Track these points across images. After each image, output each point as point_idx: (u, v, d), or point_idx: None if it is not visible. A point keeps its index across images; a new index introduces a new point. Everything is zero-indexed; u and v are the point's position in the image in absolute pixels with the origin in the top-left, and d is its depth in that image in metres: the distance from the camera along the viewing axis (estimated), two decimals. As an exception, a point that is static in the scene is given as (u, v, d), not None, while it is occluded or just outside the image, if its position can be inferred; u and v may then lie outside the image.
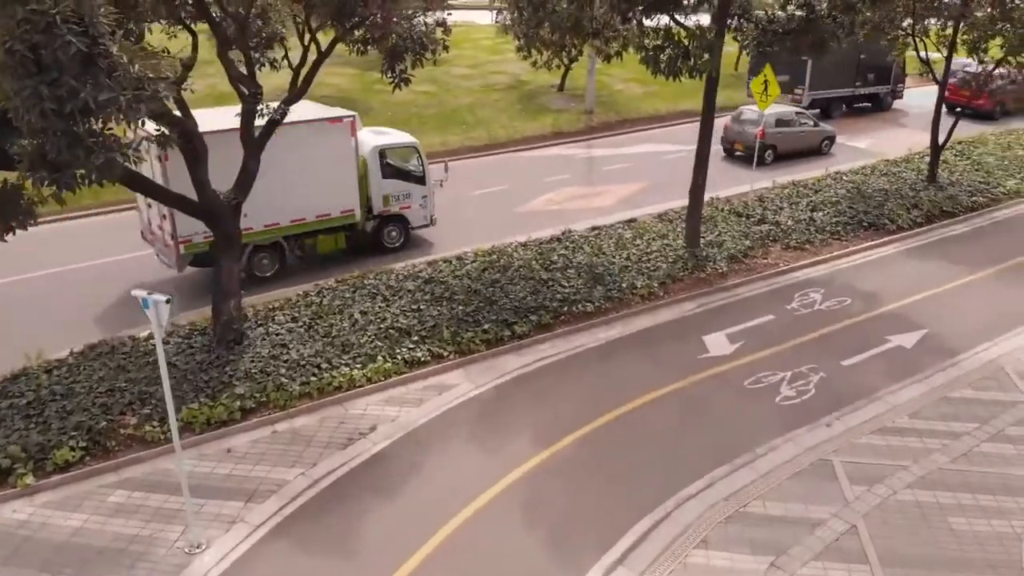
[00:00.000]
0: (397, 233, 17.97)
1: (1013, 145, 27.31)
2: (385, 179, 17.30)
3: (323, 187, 15.94)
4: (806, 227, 19.33)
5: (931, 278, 16.95)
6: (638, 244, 17.95)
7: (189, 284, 16.21)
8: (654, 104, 33.61)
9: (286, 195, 15.46)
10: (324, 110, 16.97)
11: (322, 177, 15.84)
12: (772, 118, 25.08)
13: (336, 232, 16.83)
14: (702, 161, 17.01)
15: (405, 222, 18.00)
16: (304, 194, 15.71)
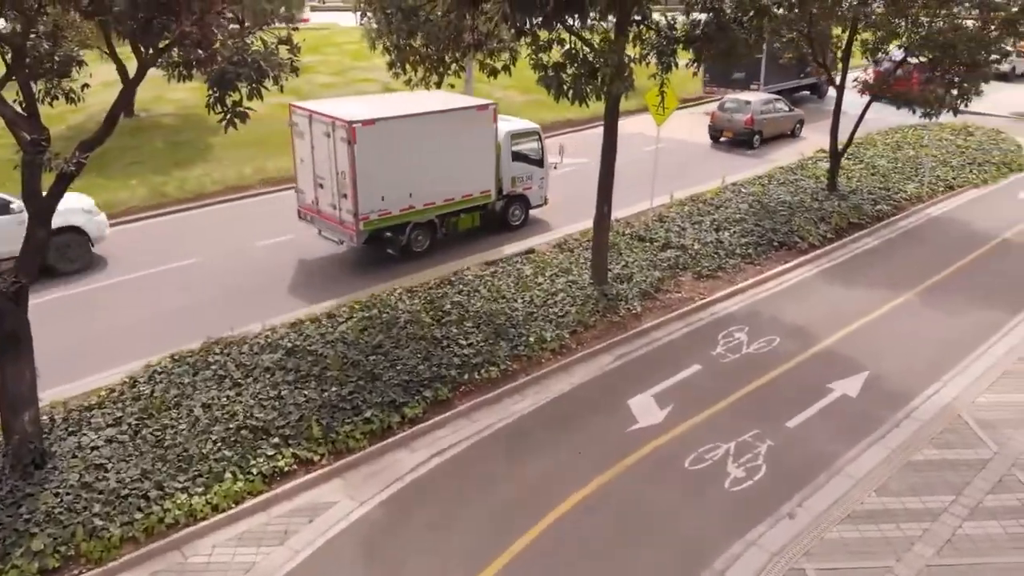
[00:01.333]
0: (520, 212, 19.40)
1: (902, 144, 27.00)
2: (514, 162, 18.76)
3: (468, 169, 17.28)
4: (715, 250, 17.65)
5: (857, 304, 15.57)
6: (540, 283, 15.66)
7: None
8: (537, 113, 31.40)
9: (440, 177, 16.75)
10: (469, 99, 18.29)
11: (468, 160, 17.14)
12: (758, 105, 27.78)
13: (473, 211, 18.03)
14: (605, 189, 14.91)
15: (527, 202, 19.41)
16: (454, 176, 16.95)
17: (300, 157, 16.80)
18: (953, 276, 17.05)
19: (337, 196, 15.93)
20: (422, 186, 16.47)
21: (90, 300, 15.34)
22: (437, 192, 16.91)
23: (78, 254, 16.44)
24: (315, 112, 15.93)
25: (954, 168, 24.33)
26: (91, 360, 12.74)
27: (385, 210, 16.08)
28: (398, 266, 16.89)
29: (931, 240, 19.20)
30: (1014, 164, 25.44)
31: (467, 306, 14.52)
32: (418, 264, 17.08)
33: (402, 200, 16.25)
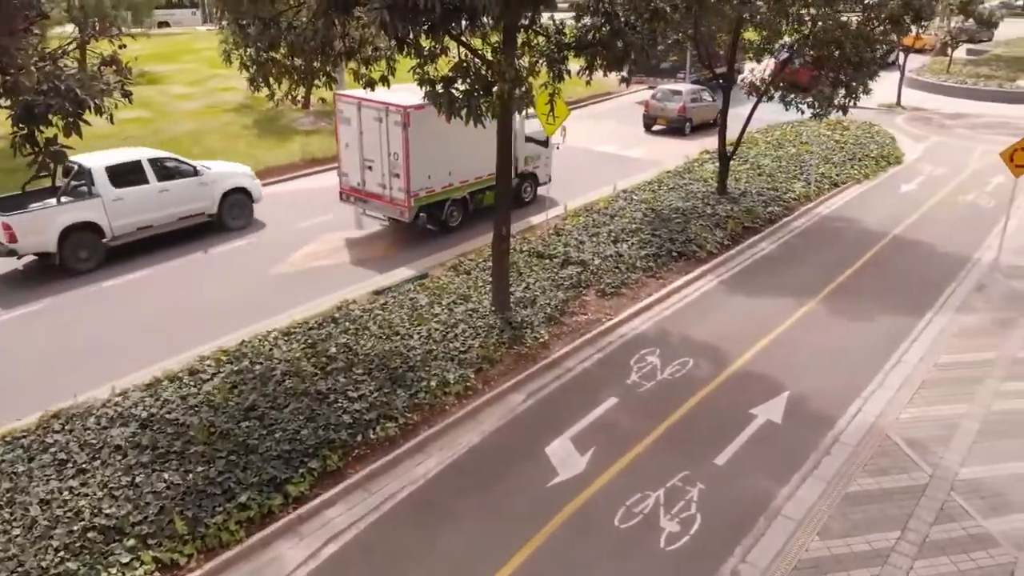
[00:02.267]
0: (531, 188, 21.18)
1: (783, 142, 27.18)
2: (526, 143, 20.20)
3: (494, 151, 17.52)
4: (616, 265, 16.75)
5: (764, 316, 15.00)
6: (438, 314, 14.22)
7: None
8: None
9: (473, 157, 18.15)
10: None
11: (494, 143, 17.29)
12: (689, 96, 29.54)
13: (490, 188, 17.96)
14: (504, 208, 13.63)
15: (536, 179, 21.16)
16: (483, 156, 16.85)
17: (345, 142, 18.26)
18: (853, 278, 16.85)
19: (388, 176, 17.62)
20: (459, 166, 18.34)
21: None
22: (470, 171, 18.76)
23: (243, 213, 19.72)
24: (364, 99, 17.13)
25: (836, 164, 24.62)
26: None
27: (430, 187, 17.98)
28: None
29: (825, 241, 19.06)
30: (891, 157, 26.07)
31: (355, 348, 12.90)
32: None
33: (443, 179, 18.15)
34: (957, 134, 30.47)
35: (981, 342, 13.99)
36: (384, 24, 8.32)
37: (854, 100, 18.64)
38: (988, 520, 9.57)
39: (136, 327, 14.32)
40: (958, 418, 11.69)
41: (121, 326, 14.39)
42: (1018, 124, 32.23)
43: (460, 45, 10.56)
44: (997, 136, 30.12)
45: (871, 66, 18.15)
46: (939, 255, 18.25)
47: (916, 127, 31.37)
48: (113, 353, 13.22)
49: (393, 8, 8.25)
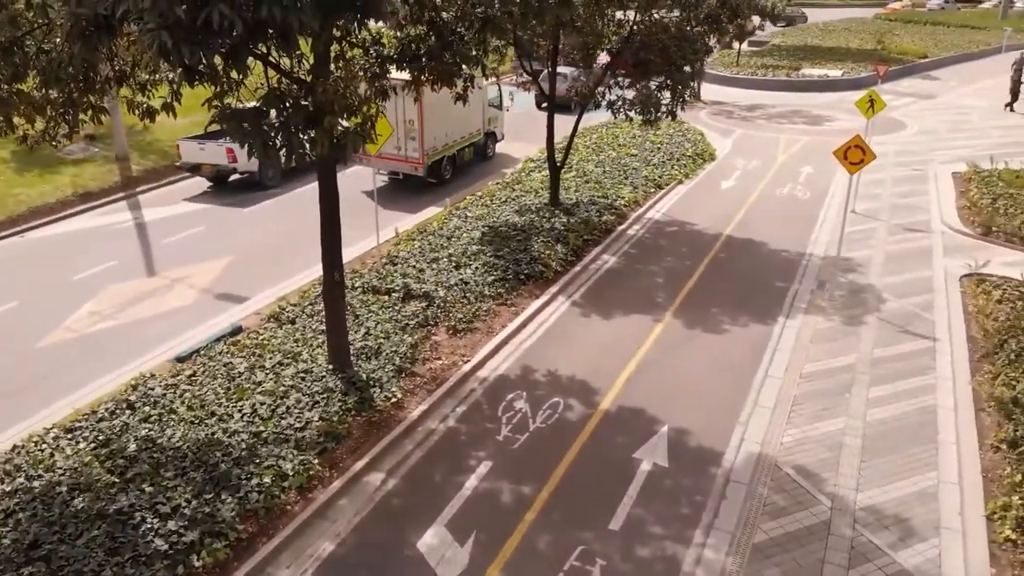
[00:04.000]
0: (492, 144, 25.98)
1: (601, 145, 26.88)
2: (488, 107, 24.56)
3: (473, 116, 23.56)
4: (463, 295, 15.24)
5: (623, 339, 14.10)
6: (262, 381, 11.98)
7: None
8: (209, 139, 26.73)
9: (461, 121, 22.98)
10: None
11: (474, 110, 22.81)
12: (570, 79, 27.21)
13: (471, 146, 24.35)
14: (332, 252, 11.64)
15: (495, 137, 25.68)
16: (468, 119, 23.32)
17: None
18: (698, 286, 16.43)
19: (404, 140, 21.36)
20: (452, 128, 22.57)
21: None
22: (459, 132, 23.34)
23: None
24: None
25: (657, 166, 24.56)
26: None
27: (435, 147, 22.12)
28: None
29: (663, 248, 18.63)
30: (705, 154, 26.49)
31: (161, 442, 10.43)
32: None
33: (443, 140, 22.32)
34: (758, 125, 31.80)
35: (838, 345, 13.88)
36: (164, 50, 6.18)
37: (682, 104, 18.30)
38: (900, 554, 9.04)
39: None
40: (839, 435, 11.28)
41: None
42: (810, 111, 34.33)
43: (270, 68, 8.46)
44: (794, 125, 31.81)
45: (695, 67, 17.85)
46: (773, 253, 18.35)
47: (720, 121, 32.42)
48: None
49: (175, 29, 6.13)
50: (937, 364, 13.23)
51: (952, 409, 11.94)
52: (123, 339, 14.17)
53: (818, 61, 44.51)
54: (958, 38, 56.89)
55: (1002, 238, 18.68)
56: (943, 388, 12.49)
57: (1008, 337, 13.41)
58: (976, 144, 28.33)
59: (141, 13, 6.49)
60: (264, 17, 6.47)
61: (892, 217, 20.62)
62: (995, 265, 16.91)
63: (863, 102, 20.34)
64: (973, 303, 15.32)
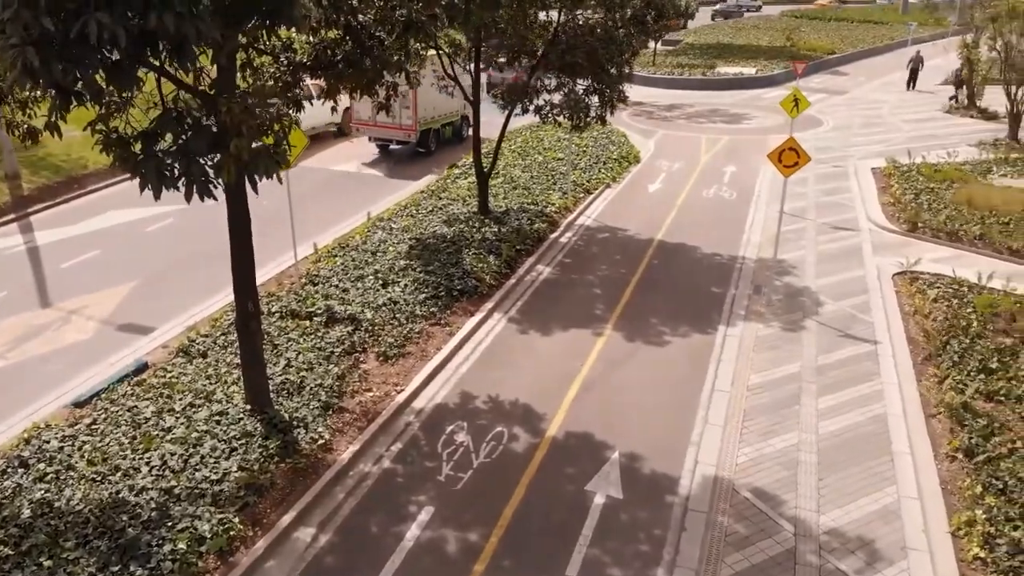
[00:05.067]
0: (465, 126, 27.49)
1: (527, 150, 26.24)
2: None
3: (456, 99, 25.08)
4: (392, 315, 14.29)
5: (564, 356, 13.44)
6: (172, 427, 10.78)
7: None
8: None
9: (446, 102, 26.18)
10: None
11: (456, 94, 23.54)
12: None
13: (450, 125, 27.57)
14: (244, 280, 10.53)
15: (467, 120, 26.04)
16: (451, 102, 26.17)
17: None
18: (636, 295, 15.93)
19: (400, 110, 24.22)
20: (439, 106, 25.54)
21: None
22: (443, 111, 26.33)
23: None
24: None
25: (584, 170, 24.07)
26: None
27: (425, 119, 25.46)
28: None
29: (597, 256, 18.09)
30: (630, 156, 26.17)
31: (59, 505, 9.17)
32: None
33: (430, 113, 25.19)
34: (679, 125, 31.79)
35: (781, 353, 13.56)
36: (30, 69, 5.09)
37: (611, 108, 17.77)
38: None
39: None
40: (794, 451, 10.87)
41: None
42: (727, 110, 34.58)
43: (168, 80, 7.31)
44: (714, 124, 31.92)
45: (622, 69, 17.36)
46: (706, 257, 18.04)
47: (640, 122, 32.27)
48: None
49: (44, 44, 5.04)
50: (881, 369, 13.04)
51: (902, 416, 11.71)
52: (13, 382, 12.66)
53: (731, 59, 45.12)
54: (863, 33, 58.85)
55: (928, 234, 18.87)
56: (891, 394, 12.27)
57: (949, 338, 13.34)
58: (890, 139, 28.97)
59: (2, 26, 5.39)
60: (153, 27, 5.44)
61: (819, 216, 20.65)
62: (925, 262, 17.01)
63: (787, 101, 20.28)
64: (909, 302, 15.29)
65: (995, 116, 32.04)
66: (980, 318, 14.04)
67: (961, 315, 14.15)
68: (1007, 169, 24.00)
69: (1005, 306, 14.44)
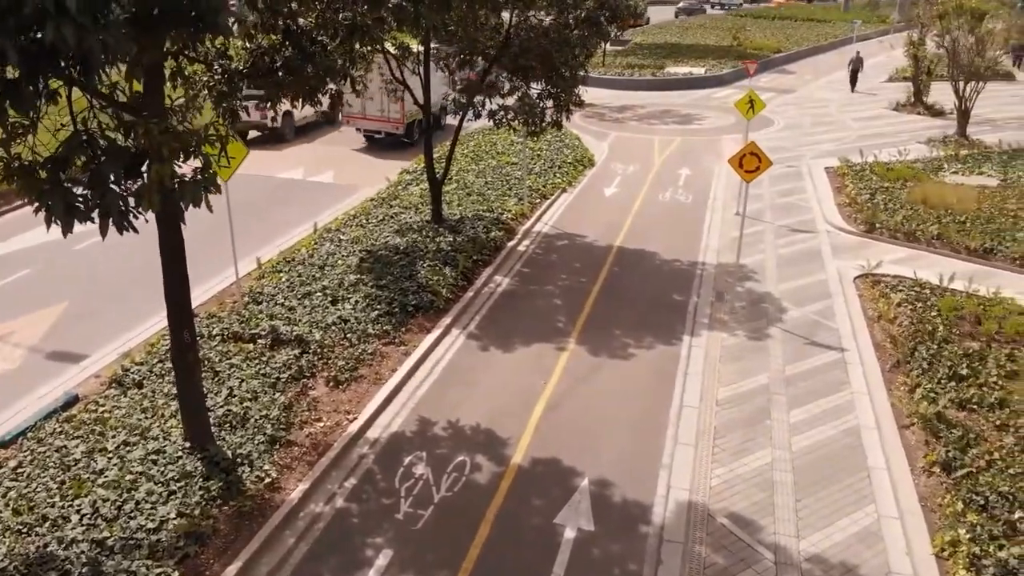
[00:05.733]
0: (444, 116, 27.87)
1: (480, 154, 25.59)
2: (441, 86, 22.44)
3: (437, 91, 21.16)
4: (343, 335, 13.52)
5: (527, 374, 12.84)
6: (104, 469, 9.87)
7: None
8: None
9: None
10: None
11: (436, 87, 20.47)
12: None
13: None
14: (178, 308, 9.69)
15: (447, 110, 21.35)
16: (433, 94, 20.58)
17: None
18: (597, 305, 15.42)
19: (388, 104, 26.00)
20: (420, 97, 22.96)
21: None
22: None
23: None
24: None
25: (539, 174, 23.53)
26: None
27: (410, 112, 25.87)
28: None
29: (556, 264, 17.54)
30: (585, 160, 25.72)
31: (-27, 569, 8.21)
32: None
33: (414, 108, 22.19)
34: (631, 127, 31.47)
35: (747, 364, 13.17)
36: None
37: (567, 113, 17.23)
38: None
39: None
40: (768, 471, 10.44)
41: None
42: (679, 110, 34.41)
43: (82, 91, 6.42)
44: (666, 125, 31.69)
45: (577, 73, 16.83)
46: (666, 263, 17.64)
47: (593, 124, 31.87)
48: None
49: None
50: (851, 378, 12.74)
51: (875, 428, 11.40)
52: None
53: (680, 59, 45.11)
54: (807, 32, 59.58)
55: (886, 234, 18.77)
56: (862, 405, 11.96)
57: (917, 344, 13.10)
58: (840, 137, 29.08)
59: None
60: (52, 41, 4.64)
61: (776, 218, 20.44)
62: (885, 264, 16.85)
63: (743, 103, 20.02)
64: (873, 307, 15.07)
65: (942, 112, 32.46)
66: (945, 322, 13.86)
67: (926, 319, 13.96)
68: (958, 166, 24.18)
69: (969, 308, 14.29)
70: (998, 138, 27.51)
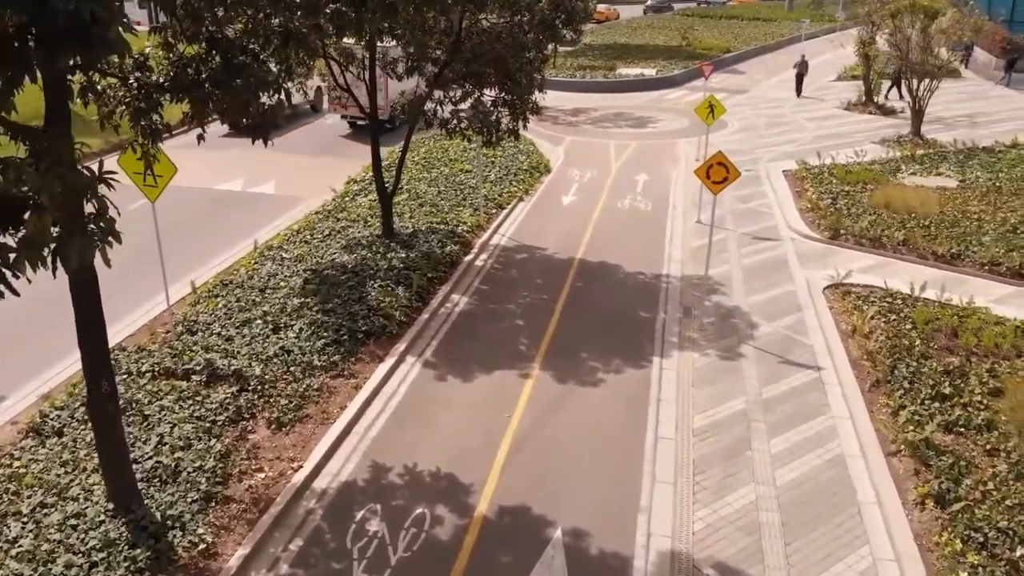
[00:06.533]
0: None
1: (432, 161, 24.55)
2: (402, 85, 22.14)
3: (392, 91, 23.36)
4: (285, 368, 12.42)
5: (490, 406, 11.92)
6: (19, 537, 8.65)
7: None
8: None
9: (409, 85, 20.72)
10: None
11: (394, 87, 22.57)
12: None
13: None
14: (93, 352, 8.50)
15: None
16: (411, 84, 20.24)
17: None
18: (562, 326, 14.57)
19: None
20: (404, 91, 20.83)
21: None
22: (408, 92, 21.01)
23: None
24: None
25: (495, 182, 22.60)
26: None
27: (393, 102, 23.56)
28: None
29: (516, 281, 16.63)
30: (541, 166, 24.89)
31: None
32: None
33: (396, 96, 21.03)
34: (586, 131, 30.74)
35: (722, 388, 12.44)
36: None
37: (524, 122, 16.33)
38: None
39: None
40: (753, 510, 9.69)
41: None
42: (632, 113, 33.81)
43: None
44: (620, 129, 31.05)
45: (533, 79, 15.94)
46: (630, 277, 16.88)
47: (547, 128, 31.03)
48: None
49: None
50: (830, 399, 12.10)
51: (861, 457, 10.75)
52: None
53: (631, 60, 44.65)
54: (753, 31, 59.76)
55: (851, 241, 18.32)
56: (845, 430, 11.31)
57: (895, 360, 12.52)
58: (796, 138, 28.78)
59: None
60: None
61: (738, 225, 19.87)
62: (854, 272, 16.34)
63: (703, 108, 19.39)
64: (846, 320, 14.51)
65: (893, 111, 32.48)
66: (922, 335, 13.34)
67: (902, 333, 13.42)
68: (916, 167, 24.00)
69: (944, 320, 13.81)
70: (952, 137, 27.49)
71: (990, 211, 19.61)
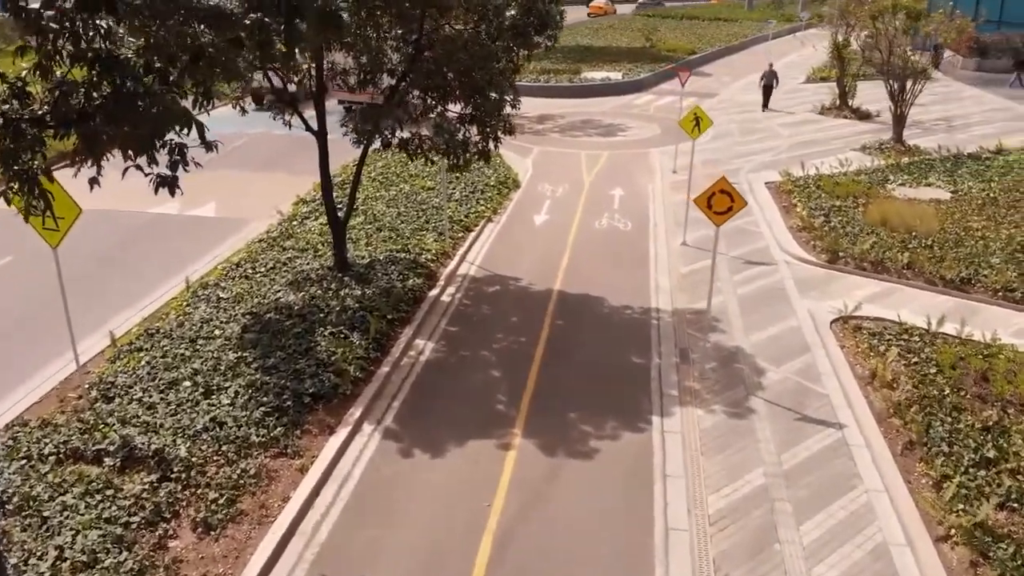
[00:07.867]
0: None
1: (391, 178, 22.51)
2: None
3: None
4: (216, 446, 10.37)
5: (465, 493, 10.00)
6: None
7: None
8: None
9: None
10: None
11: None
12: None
13: None
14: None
15: None
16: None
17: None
18: (544, 376, 12.74)
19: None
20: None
21: None
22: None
23: None
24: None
25: (461, 202, 20.66)
26: None
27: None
28: None
29: (489, 320, 14.73)
30: (510, 181, 23.03)
31: None
32: None
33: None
34: (554, 140, 29.00)
35: (735, 456, 10.70)
36: None
37: (495, 141, 14.45)
38: None
39: None
40: (794, 630, 7.91)
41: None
42: (600, 120, 32.19)
43: None
44: (590, 137, 29.39)
45: (504, 93, 14.06)
46: (616, 312, 15.11)
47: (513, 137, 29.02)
48: None
49: None
50: (859, 467, 10.44)
51: (906, 544, 9.09)
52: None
53: (595, 63, 43.09)
54: (716, 31, 58.72)
55: (851, 264, 16.79)
56: (883, 510, 9.64)
57: (928, 416, 10.91)
58: (774, 146, 27.40)
59: None
60: None
61: (727, 247, 18.21)
62: (859, 301, 14.75)
63: (688, 121, 17.71)
64: (862, 363, 12.89)
65: (868, 115, 31.36)
66: (950, 382, 11.79)
67: (928, 379, 11.87)
68: (904, 177, 22.69)
69: (972, 364, 12.28)
70: (935, 143, 26.31)
71: (992, 227, 18.30)
